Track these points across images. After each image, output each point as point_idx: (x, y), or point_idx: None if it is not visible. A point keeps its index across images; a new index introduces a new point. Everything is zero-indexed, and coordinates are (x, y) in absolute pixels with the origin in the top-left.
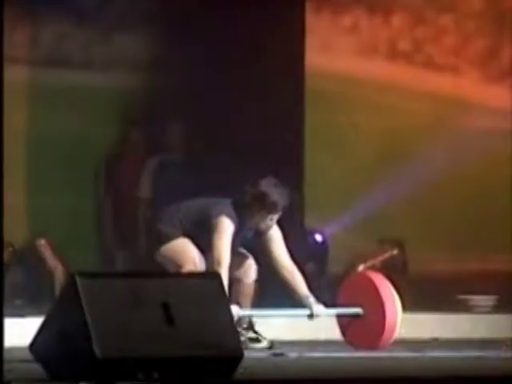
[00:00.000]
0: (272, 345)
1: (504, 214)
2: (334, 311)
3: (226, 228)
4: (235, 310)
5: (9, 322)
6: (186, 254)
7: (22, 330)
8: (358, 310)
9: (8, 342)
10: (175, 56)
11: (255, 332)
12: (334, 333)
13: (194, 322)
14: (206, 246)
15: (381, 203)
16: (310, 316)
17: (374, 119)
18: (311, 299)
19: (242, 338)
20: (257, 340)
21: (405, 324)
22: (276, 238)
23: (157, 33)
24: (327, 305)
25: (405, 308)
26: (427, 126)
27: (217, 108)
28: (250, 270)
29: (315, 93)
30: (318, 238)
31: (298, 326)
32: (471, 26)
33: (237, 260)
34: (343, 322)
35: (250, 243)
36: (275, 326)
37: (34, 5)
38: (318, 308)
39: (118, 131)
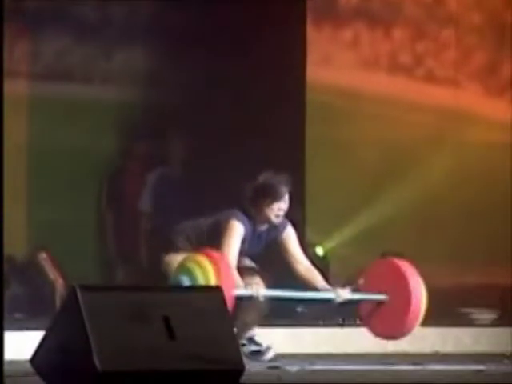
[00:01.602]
0: (274, 358)
1: (505, 227)
2: (358, 296)
3: (236, 230)
4: (259, 290)
5: (9, 336)
6: None
7: (22, 344)
8: (382, 297)
9: (8, 355)
10: (175, 70)
11: (257, 345)
12: (335, 346)
13: (196, 335)
14: None
15: (382, 217)
16: (336, 299)
17: (374, 133)
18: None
19: (245, 351)
20: (259, 353)
21: (406, 337)
22: (291, 236)
23: (157, 47)
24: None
25: None
26: (428, 139)
27: (217, 122)
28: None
29: (316, 106)
30: (319, 251)
31: (300, 340)
32: (472, 40)
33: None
34: (364, 308)
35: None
36: (277, 340)
37: (34, 19)
38: (343, 291)
39: (118, 145)
